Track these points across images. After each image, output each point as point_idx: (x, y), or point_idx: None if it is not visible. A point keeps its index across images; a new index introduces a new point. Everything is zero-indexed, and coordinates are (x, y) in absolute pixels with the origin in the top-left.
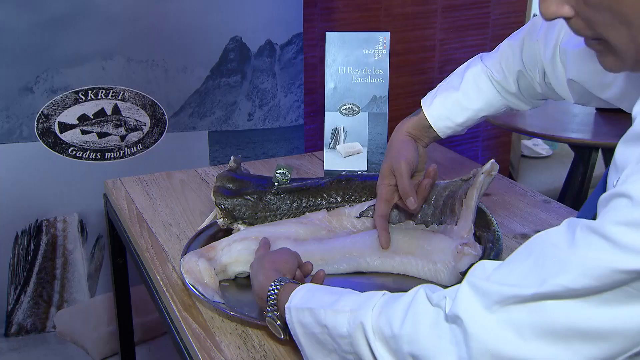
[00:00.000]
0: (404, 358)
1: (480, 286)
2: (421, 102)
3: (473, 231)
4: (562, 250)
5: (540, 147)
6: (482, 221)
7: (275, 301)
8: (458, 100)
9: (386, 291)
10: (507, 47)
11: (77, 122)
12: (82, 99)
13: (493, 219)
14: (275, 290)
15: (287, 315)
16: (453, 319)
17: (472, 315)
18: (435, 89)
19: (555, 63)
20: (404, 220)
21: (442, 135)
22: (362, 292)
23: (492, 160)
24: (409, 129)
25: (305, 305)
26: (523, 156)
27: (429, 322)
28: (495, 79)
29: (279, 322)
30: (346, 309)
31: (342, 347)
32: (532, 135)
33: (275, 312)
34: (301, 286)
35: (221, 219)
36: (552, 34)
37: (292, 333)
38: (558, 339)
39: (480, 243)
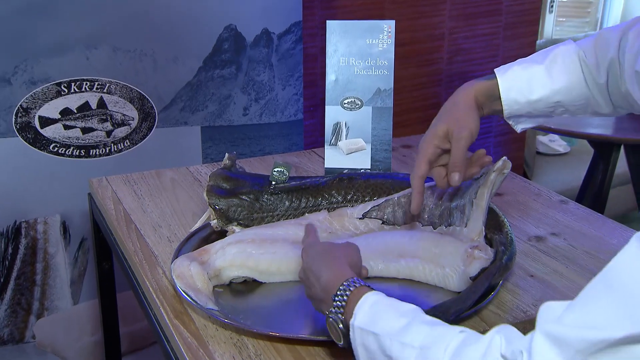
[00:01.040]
0: None
1: (556, 334)
2: (495, 70)
3: (484, 233)
4: None
5: (557, 143)
6: (493, 223)
7: (343, 303)
8: (539, 73)
9: (463, 328)
10: (605, 32)
11: (59, 116)
12: (64, 91)
13: (505, 220)
14: (348, 292)
15: (350, 334)
16: None
17: None
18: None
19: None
20: (410, 221)
21: (506, 110)
22: None
23: (505, 157)
24: (477, 94)
25: (370, 328)
26: (538, 153)
27: None
28: (586, 62)
29: (341, 326)
30: (415, 344)
31: None
32: (548, 130)
33: (340, 316)
34: (365, 297)
35: (215, 220)
36: None
37: (354, 353)
38: None
39: (491, 246)
